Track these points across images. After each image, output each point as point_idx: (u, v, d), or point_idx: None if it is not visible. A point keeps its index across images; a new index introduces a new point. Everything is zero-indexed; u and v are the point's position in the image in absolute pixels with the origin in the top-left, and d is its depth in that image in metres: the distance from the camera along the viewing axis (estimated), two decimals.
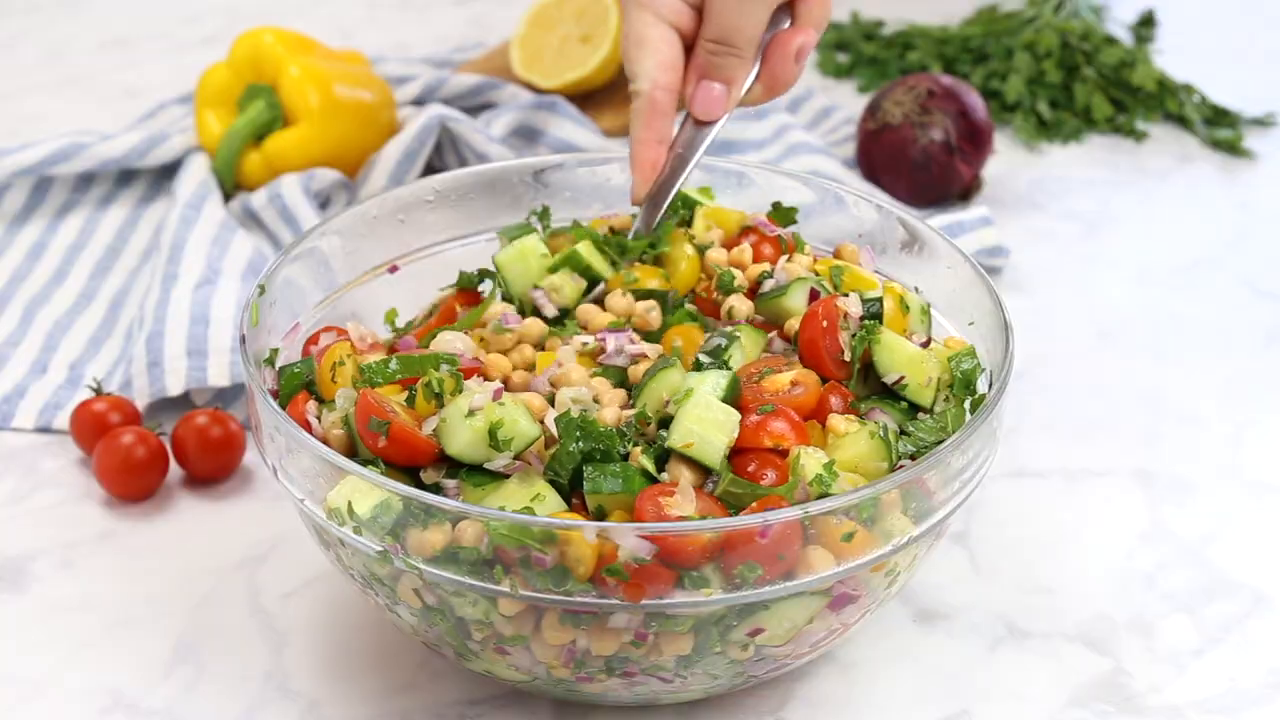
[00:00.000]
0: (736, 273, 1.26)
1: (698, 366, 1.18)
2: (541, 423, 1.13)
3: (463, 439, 1.11)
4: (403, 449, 1.12)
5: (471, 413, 1.11)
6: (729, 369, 1.17)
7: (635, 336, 1.22)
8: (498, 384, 1.14)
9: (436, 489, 1.12)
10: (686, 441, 1.11)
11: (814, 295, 1.23)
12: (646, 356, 1.21)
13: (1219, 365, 1.54)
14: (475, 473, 1.12)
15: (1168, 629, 1.27)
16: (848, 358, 1.19)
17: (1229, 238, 1.71)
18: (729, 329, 1.21)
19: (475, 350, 1.22)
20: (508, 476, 1.11)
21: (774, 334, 1.23)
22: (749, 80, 1.29)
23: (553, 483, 1.12)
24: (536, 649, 1.11)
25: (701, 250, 1.29)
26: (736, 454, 1.13)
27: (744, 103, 1.31)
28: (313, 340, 1.25)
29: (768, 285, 1.25)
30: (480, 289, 1.31)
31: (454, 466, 1.13)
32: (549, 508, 1.10)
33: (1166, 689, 1.22)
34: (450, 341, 1.21)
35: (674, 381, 1.16)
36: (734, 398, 1.15)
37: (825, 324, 1.18)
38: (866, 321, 1.20)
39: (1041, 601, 1.29)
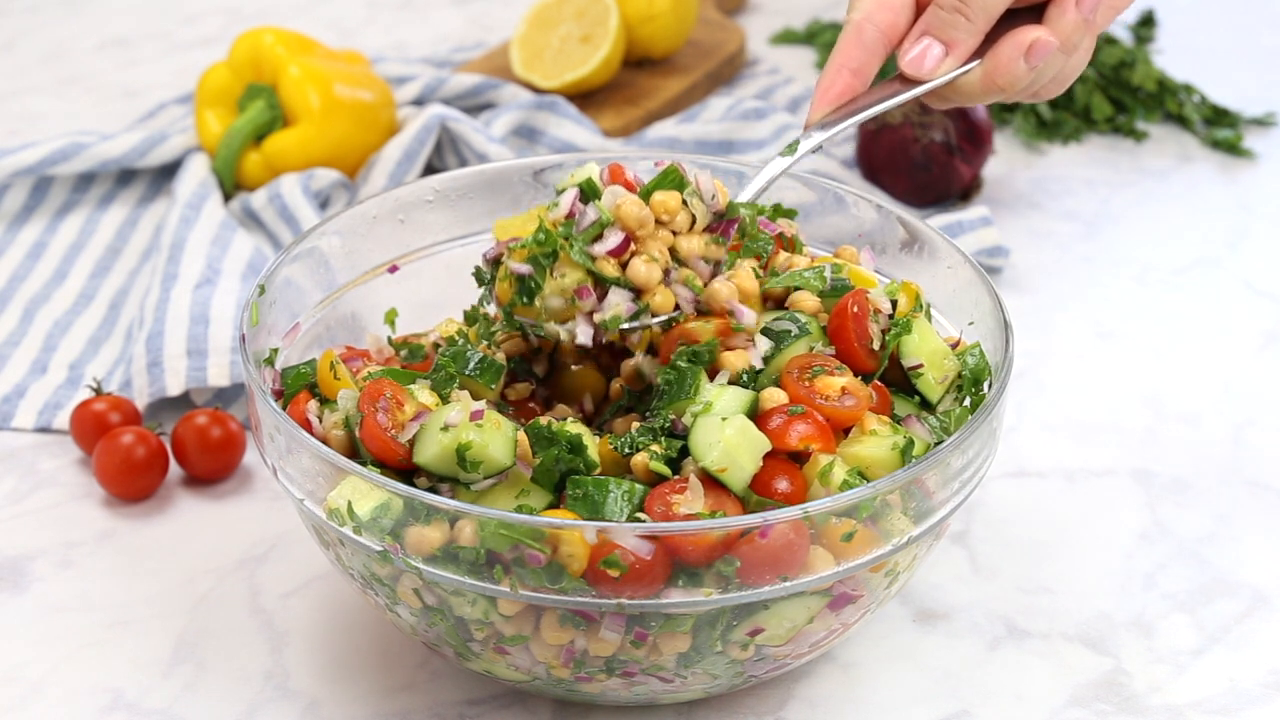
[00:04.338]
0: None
1: (740, 381, 1.15)
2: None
3: (431, 451, 1.10)
4: (373, 446, 1.12)
5: (446, 428, 1.10)
6: (755, 381, 1.15)
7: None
8: (482, 405, 1.12)
9: (434, 489, 1.12)
10: (721, 466, 1.10)
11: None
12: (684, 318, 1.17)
13: (1218, 365, 1.54)
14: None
15: (1167, 629, 1.27)
16: (876, 346, 1.18)
17: (1229, 238, 1.71)
18: (803, 318, 1.18)
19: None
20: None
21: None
22: (967, 54, 1.22)
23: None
24: (536, 649, 1.11)
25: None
26: None
27: (958, 91, 1.23)
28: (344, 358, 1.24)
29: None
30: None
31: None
32: (536, 502, 1.10)
33: (1166, 689, 1.22)
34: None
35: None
36: (751, 416, 1.13)
37: (856, 310, 1.18)
38: (902, 314, 1.19)
39: (1041, 601, 1.29)
